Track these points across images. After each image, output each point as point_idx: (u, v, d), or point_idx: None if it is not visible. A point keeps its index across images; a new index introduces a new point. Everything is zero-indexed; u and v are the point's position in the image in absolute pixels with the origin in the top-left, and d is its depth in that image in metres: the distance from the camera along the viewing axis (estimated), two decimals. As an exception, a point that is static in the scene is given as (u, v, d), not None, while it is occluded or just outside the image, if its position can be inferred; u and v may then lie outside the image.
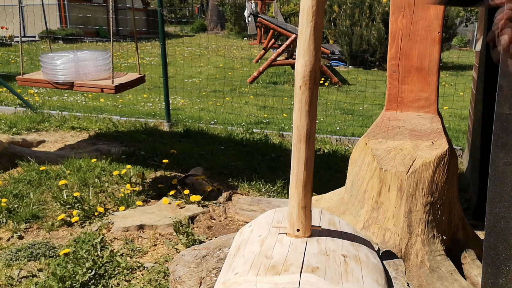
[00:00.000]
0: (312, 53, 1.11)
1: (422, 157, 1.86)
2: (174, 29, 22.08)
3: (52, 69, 2.93)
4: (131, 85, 3.08)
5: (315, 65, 1.12)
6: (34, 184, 3.07)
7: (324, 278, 1.03)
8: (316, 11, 1.09)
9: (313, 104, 1.14)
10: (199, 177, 3.12)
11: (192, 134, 4.41)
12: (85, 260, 2.15)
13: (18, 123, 4.54)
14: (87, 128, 4.54)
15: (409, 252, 1.90)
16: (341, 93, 6.86)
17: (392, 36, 1.97)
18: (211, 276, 1.32)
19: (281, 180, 3.21)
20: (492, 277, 1.65)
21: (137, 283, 2.08)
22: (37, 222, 2.63)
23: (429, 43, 1.93)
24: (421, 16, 1.91)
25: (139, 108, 5.61)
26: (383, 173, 1.86)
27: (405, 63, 1.96)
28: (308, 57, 1.11)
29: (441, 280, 1.85)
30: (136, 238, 2.49)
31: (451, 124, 5.14)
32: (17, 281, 2.08)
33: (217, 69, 9.02)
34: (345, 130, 4.72)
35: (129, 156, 3.65)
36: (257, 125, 4.83)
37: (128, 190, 2.94)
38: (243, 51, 12.84)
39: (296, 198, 1.17)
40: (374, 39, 10.06)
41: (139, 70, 3.31)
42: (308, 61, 1.11)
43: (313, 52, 1.11)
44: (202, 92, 6.81)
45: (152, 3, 22.14)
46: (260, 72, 7.82)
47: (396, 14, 1.94)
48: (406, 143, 1.93)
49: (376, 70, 10.15)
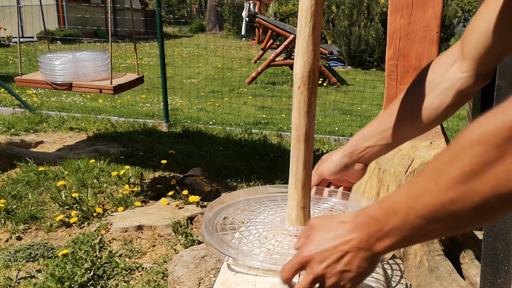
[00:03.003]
0: (311, 53, 1.11)
1: (420, 157, 1.86)
2: (172, 29, 22.08)
3: (50, 70, 2.92)
4: (130, 86, 3.08)
5: (314, 65, 1.12)
6: (33, 185, 3.07)
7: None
8: (314, 12, 1.09)
9: (312, 104, 1.14)
10: (198, 178, 3.12)
11: (191, 135, 4.41)
12: (83, 260, 2.15)
13: (16, 124, 4.53)
14: (86, 129, 4.54)
15: (408, 252, 1.90)
16: (339, 93, 6.87)
17: (390, 37, 1.97)
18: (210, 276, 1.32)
19: (280, 181, 3.21)
20: (490, 277, 1.65)
21: (136, 283, 2.08)
22: (36, 223, 2.62)
23: (428, 43, 1.93)
24: (419, 16, 1.92)
25: (137, 108, 5.60)
26: (381, 173, 1.86)
27: (404, 63, 1.96)
28: (307, 57, 1.11)
29: (439, 280, 1.85)
30: (135, 238, 2.49)
31: (450, 124, 5.14)
32: (15, 282, 2.08)
33: (215, 69, 9.02)
34: (343, 130, 4.72)
35: (127, 156, 3.65)
36: (255, 126, 4.83)
37: (127, 191, 2.94)
38: (242, 52, 12.84)
39: (295, 198, 1.17)
40: (373, 40, 10.07)
41: (137, 70, 3.31)
42: (307, 62, 1.11)
43: (311, 52, 1.11)
44: (201, 93, 6.81)
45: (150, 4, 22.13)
46: (258, 72, 7.82)
47: (394, 14, 1.94)
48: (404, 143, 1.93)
49: (374, 70, 10.16)
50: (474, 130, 0.56)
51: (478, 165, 0.55)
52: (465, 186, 0.56)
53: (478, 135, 0.55)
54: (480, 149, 0.55)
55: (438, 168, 0.60)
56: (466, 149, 0.56)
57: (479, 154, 0.55)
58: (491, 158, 0.54)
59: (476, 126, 0.56)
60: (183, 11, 29.15)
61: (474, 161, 0.55)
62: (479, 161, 0.55)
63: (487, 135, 0.54)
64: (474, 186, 0.56)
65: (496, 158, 0.53)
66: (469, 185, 0.56)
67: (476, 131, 0.56)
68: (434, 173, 0.61)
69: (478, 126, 0.56)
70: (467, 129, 0.58)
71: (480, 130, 0.56)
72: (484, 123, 0.56)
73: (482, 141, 0.55)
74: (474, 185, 0.56)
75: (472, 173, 0.56)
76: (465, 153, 0.56)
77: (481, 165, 0.55)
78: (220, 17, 20.92)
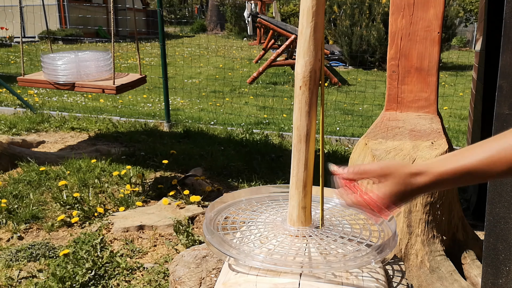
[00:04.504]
0: (312, 53, 1.11)
1: (422, 158, 1.86)
2: (173, 29, 22.09)
3: (53, 70, 2.93)
4: (132, 86, 3.09)
5: (315, 65, 1.12)
6: (34, 184, 3.07)
7: (324, 278, 1.03)
8: (316, 12, 1.09)
9: (313, 104, 1.14)
10: (199, 178, 3.12)
11: (192, 135, 4.41)
12: (85, 260, 2.15)
13: (18, 124, 4.54)
14: (87, 129, 4.54)
15: (409, 252, 1.90)
16: (340, 93, 6.86)
17: (391, 37, 1.97)
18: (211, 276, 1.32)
19: (281, 181, 3.21)
20: (492, 278, 1.65)
21: (137, 283, 2.08)
22: (37, 223, 2.63)
23: (429, 44, 1.93)
24: (421, 17, 1.91)
25: (138, 108, 5.61)
26: (383, 173, 1.86)
27: (405, 63, 1.96)
28: (308, 57, 1.11)
29: (441, 280, 1.85)
30: (136, 238, 2.49)
31: (451, 125, 5.14)
32: (17, 282, 2.08)
33: (216, 69, 9.02)
34: (344, 131, 4.72)
35: (129, 156, 3.65)
36: (257, 126, 4.83)
37: (128, 191, 2.94)
38: (243, 52, 12.85)
39: (296, 198, 1.17)
40: (374, 40, 10.06)
41: (140, 70, 3.31)
42: (308, 62, 1.11)
43: (313, 52, 1.11)
44: (202, 93, 6.81)
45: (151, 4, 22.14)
46: (259, 72, 7.82)
47: (395, 14, 1.94)
48: (405, 144, 1.93)
49: (375, 70, 10.15)
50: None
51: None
52: None
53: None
54: None
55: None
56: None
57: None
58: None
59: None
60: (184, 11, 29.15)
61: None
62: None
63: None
64: None
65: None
66: None
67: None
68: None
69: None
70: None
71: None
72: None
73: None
74: None
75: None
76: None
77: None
78: (221, 17, 20.93)
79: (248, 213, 1.32)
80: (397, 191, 0.89)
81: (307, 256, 1.08)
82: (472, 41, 16.98)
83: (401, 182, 0.88)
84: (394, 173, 0.89)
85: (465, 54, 13.80)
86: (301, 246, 1.13)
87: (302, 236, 1.16)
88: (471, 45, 16.87)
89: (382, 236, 1.21)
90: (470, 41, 17.26)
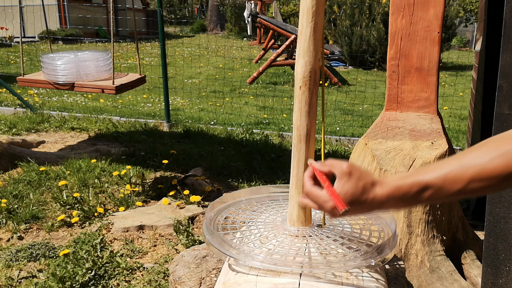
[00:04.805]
0: (312, 53, 1.11)
1: (422, 158, 1.86)
2: (173, 29, 22.09)
3: (53, 70, 2.93)
4: (131, 86, 3.09)
5: (315, 65, 1.12)
6: (34, 184, 3.07)
7: (324, 278, 1.03)
8: (316, 12, 1.10)
9: (313, 104, 1.14)
10: (199, 178, 3.12)
11: (192, 135, 4.41)
12: (85, 260, 2.15)
13: (18, 124, 4.54)
14: (87, 129, 4.54)
15: (409, 252, 1.90)
16: (340, 93, 6.86)
17: (391, 37, 1.97)
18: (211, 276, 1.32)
19: (281, 181, 3.21)
20: (492, 278, 1.65)
21: (137, 283, 2.08)
22: (37, 223, 2.63)
23: (429, 44, 1.93)
24: (421, 17, 1.91)
25: (138, 108, 5.61)
26: (383, 173, 1.86)
27: (405, 63, 1.96)
28: (308, 57, 1.11)
29: (441, 280, 1.85)
30: (136, 238, 2.49)
31: (451, 125, 5.14)
32: (17, 282, 2.08)
33: (216, 69, 9.02)
34: (344, 131, 4.72)
35: (129, 156, 3.65)
36: (257, 126, 4.83)
37: (128, 191, 2.94)
38: (243, 52, 12.85)
39: (296, 198, 1.17)
40: (374, 40, 10.06)
41: (139, 70, 3.31)
42: (308, 62, 1.11)
43: (313, 52, 1.11)
44: (202, 93, 6.81)
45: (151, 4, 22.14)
46: (259, 72, 7.82)
47: (395, 14, 1.94)
48: (405, 144, 1.93)
49: (375, 70, 10.15)
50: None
51: None
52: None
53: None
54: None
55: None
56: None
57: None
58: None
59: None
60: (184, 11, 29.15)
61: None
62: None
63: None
64: None
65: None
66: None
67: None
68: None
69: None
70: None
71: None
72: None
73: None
74: None
75: None
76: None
77: None
78: (221, 17, 20.93)
79: (248, 213, 1.32)
80: (352, 192, 0.89)
81: (307, 256, 1.08)
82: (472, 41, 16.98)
83: (359, 186, 0.89)
84: (356, 175, 0.90)
85: (465, 54, 13.80)
86: (301, 246, 1.13)
87: (302, 236, 1.16)
88: (471, 45, 16.87)
89: (382, 236, 1.21)
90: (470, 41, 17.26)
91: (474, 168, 0.82)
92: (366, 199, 0.89)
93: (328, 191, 0.93)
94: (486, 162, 0.81)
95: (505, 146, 0.82)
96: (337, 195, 0.90)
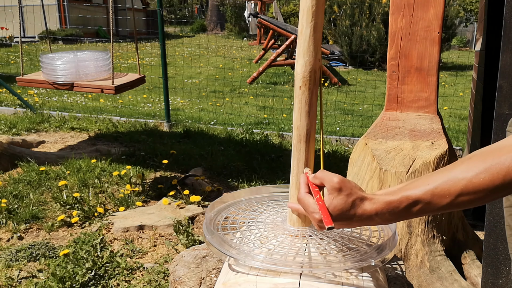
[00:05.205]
0: (312, 53, 1.11)
1: (422, 157, 1.86)
2: (173, 29, 22.09)
3: (52, 70, 2.93)
4: (131, 86, 3.08)
5: (315, 65, 1.12)
6: (34, 184, 3.07)
7: (324, 278, 1.03)
8: (316, 12, 1.09)
9: (313, 104, 1.14)
10: (199, 178, 3.12)
11: (192, 135, 4.41)
12: (85, 260, 2.15)
13: (17, 124, 4.54)
14: (87, 129, 4.54)
15: (409, 252, 1.90)
16: (340, 93, 6.86)
17: (391, 37, 1.97)
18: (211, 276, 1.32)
19: (281, 181, 3.21)
20: (492, 277, 1.65)
21: (137, 283, 2.08)
22: (37, 223, 2.63)
23: (429, 43, 1.93)
24: (421, 16, 1.91)
25: (138, 108, 5.61)
26: (383, 173, 1.86)
27: (405, 63, 1.96)
28: (308, 57, 1.11)
29: (441, 280, 1.85)
30: (136, 238, 2.49)
31: (451, 125, 5.14)
32: (17, 282, 2.08)
33: (216, 69, 9.02)
34: (344, 131, 4.72)
35: (129, 156, 3.65)
36: (257, 126, 4.83)
37: (128, 191, 2.94)
38: (243, 52, 12.85)
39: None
40: (374, 40, 10.06)
41: (139, 70, 3.31)
42: (308, 62, 1.11)
43: (313, 52, 1.11)
44: (202, 93, 6.81)
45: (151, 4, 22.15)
46: (259, 72, 7.82)
47: (395, 14, 1.94)
48: (405, 144, 1.93)
49: (375, 70, 10.15)
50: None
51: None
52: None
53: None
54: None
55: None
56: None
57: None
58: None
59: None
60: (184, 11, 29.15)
61: None
62: None
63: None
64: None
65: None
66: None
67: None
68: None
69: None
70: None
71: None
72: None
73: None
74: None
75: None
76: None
77: None
78: (221, 17, 20.94)
79: (248, 213, 1.32)
80: (341, 207, 0.91)
81: (307, 256, 1.08)
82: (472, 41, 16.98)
83: (348, 202, 0.91)
84: (346, 191, 0.92)
85: (465, 54, 13.80)
86: (301, 246, 1.12)
87: (302, 236, 1.16)
88: (471, 45, 16.87)
89: (382, 236, 1.21)
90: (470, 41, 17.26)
91: (462, 181, 0.84)
92: (355, 214, 0.91)
93: (318, 204, 0.94)
94: (473, 177, 0.83)
95: (491, 160, 0.83)
96: (325, 210, 0.91)
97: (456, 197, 0.84)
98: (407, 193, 0.88)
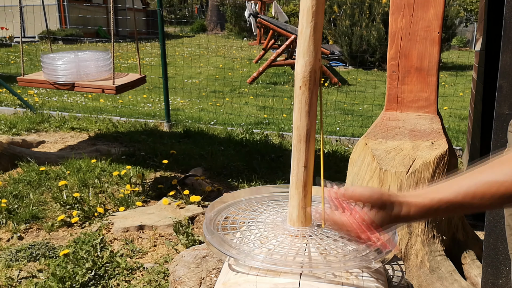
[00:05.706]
0: (312, 53, 1.11)
1: (421, 157, 1.86)
2: (173, 29, 22.08)
3: (53, 70, 2.93)
4: (132, 86, 3.09)
5: (315, 65, 1.12)
6: (34, 184, 3.07)
7: (324, 278, 1.03)
8: (316, 12, 1.10)
9: (313, 104, 1.14)
10: (199, 178, 3.12)
11: (192, 135, 4.41)
12: (85, 260, 2.15)
13: (18, 124, 4.54)
14: (87, 129, 4.54)
15: (409, 252, 1.90)
16: (340, 93, 6.86)
17: (391, 37, 1.97)
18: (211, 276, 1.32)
19: (281, 181, 3.21)
20: (492, 277, 1.65)
21: (137, 283, 2.08)
22: (37, 223, 2.63)
23: (429, 43, 1.93)
24: (421, 17, 1.91)
25: (138, 108, 5.61)
26: (383, 173, 1.86)
27: (405, 63, 1.96)
28: (308, 57, 1.11)
29: (441, 280, 1.85)
30: (136, 238, 2.49)
31: (451, 125, 5.14)
32: (17, 282, 2.08)
33: (216, 69, 9.02)
34: (344, 131, 4.72)
35: (129, 156, 3.65)
36: (257, 126, 4.83)
37: (128, 191, 2.94)
38: (243, 52, 12.85)
39: (296, 198, 1.17)
40: (374, 40, 10.06)
41: (140, 70, 3.31)
42: (308, 62, 1.12)
43: (313, 52, 1.11)
44: (202, 93, 6.81)
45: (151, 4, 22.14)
46: (259, 72, 7.82)
47: (395, 14, 1.94)
48: (405, 144, 1.93)
49: (375, 70, 10.15)
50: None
51: None
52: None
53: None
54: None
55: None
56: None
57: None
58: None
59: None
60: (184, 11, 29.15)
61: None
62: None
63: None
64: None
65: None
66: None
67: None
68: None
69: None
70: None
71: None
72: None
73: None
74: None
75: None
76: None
77: None
78: (221, 17, 20.93)
79: (248, 213, 1.32)
80: (381, 222, 0.94)
81: (307, 256, 1.08)
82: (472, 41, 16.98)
83: (392, 216, 0.94)
84: (385, 205, 0.94)
85: (465, 54, 13.79)
86: (301, 246, 1.12)
87: (302, 236, 1.16)
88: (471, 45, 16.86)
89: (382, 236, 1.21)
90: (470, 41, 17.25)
91: (496, 184, 0.87)
92: (395, 221, 0.95)
93: (359, 224, 0.96)
94: (505, 180, 0.86)
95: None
96: (371, 229, 0.95)
97: (489, 199, 0.87)
98: (442, 196, 0.91)
